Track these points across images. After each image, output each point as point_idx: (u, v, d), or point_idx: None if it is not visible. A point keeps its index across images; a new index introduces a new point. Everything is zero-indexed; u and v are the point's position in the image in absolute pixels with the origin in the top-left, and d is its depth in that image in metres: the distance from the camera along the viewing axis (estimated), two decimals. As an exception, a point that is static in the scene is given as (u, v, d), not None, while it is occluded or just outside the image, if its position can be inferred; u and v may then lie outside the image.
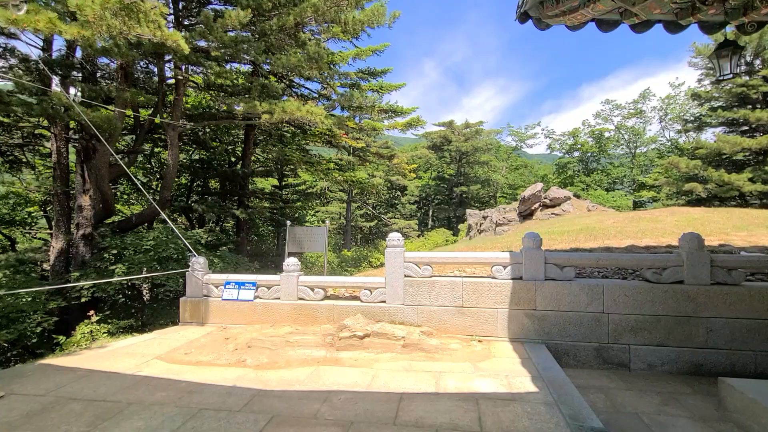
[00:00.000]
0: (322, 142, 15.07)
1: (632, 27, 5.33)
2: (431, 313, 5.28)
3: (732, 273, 4.67)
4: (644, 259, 4.94)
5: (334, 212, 37.21)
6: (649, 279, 4.87)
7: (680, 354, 4.66)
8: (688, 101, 31.21)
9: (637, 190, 35.41)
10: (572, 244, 7.43)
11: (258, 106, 8.35)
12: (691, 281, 4.71)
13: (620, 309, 4.81)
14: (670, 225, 8.44)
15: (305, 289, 5.70)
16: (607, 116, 38.83)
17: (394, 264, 5.41)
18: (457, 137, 38.42)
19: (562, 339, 4.92)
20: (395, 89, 15.82)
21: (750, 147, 21.31)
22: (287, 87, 16.06)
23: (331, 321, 5.52)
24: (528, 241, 5.13)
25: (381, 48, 15.05)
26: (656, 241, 6.99)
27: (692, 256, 4.71)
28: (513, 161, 44.63)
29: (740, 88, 22.75)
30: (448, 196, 41.69)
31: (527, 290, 5.03)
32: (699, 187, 22.55)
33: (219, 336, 5.39)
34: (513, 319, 5.05)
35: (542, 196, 18.39)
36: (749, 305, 4.56)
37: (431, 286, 5.30)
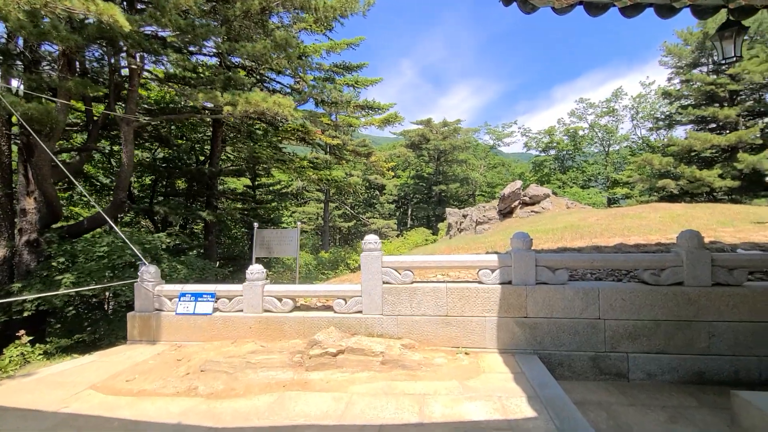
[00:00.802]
0: (296, 140, 14.33)
1: (622, 10, 4.94)
2: (413, 324, 4.76)
3: (734, 273, 4.35)
4: (641, 260, 4.56)
5: (311, 213, 36.35)
6: (647, 281, 4.50)
7: (682, 362, 4.30)
8: (659, 99, 32.04)
9: (611, 187, 36.14)
10: (559, 244, 7.07)
11: (219, 97, 7.59)
12: (692, 282, 4.37)
13: (617, 314, 4.42)
14: (655, 222, 8.24)
15: (272, 300, 5.07)
16: (581, 115, 39.52)
17: (371, 270, 4.86)
18: (435, 135, 38.21)
19: (556, 348, 4.49)
20: (371, 84, 15.26)
21: (719, 144, 21.89)
22: (258, 81, 15.24)
23: (301, 335, 4.91)
24: (517, 242, 4.68)
25: (356, 41, 14.46)
26: (645, 239, 6.71)
27: (692, 256, 4.37)
28: (491, 159, 44.85)
29: (709, 87, 23.37)
30: (427, 195, 41.48)
31: (517, 296, 4.57)
32: (672, 183, 23.03)
33: (170, 357, 4.69)
34: (502, 328, 4.59)
35: (522, 194, 18.25)
36: (752, 307, 4.24)
37: (412, 294, 4.77)
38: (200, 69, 13.38)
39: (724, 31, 4.17)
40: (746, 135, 21.38)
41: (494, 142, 44.89)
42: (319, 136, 14.24)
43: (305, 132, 13.77)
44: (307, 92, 10.31)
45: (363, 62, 15.80)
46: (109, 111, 9.11)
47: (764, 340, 4.21)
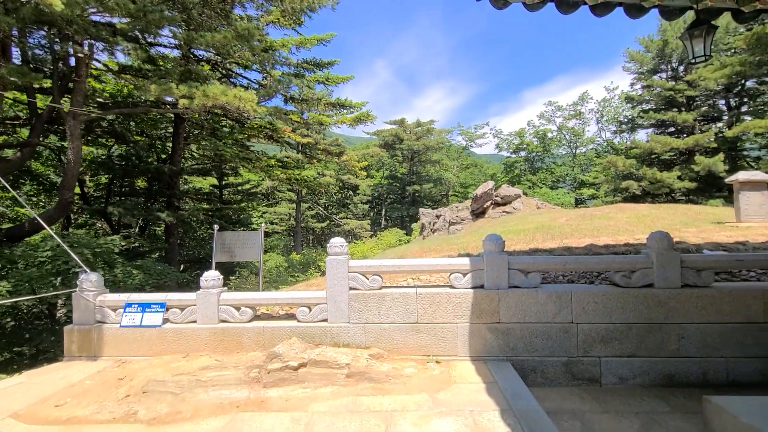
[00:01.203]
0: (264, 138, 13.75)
1: (592, 8, 4.88)
2: (381, 332, 4.49)
3: (702, 274, 4.33)
4: (612, 262, 4.49)
5: (283, 213, 35.52)
6: (618, 283, 4.43)
7: (652, 365, 4.24)
8: (622, 104, 33.31)
9: (579, 187, 37.30)
10: (531, 245, 7.00)
11: (174, 89, 7.03)
12: (662, 284, 4.32)
13: (590, 318, 4.32)
14: (623, 222, 8.37)
15: (229, 309, 4.67)
16: (549, 117, 40.59)
17: (337, 275, 4.55)
18: (409, 136, 38.21)
19: (529, 354, 4.34)
20: (343, 81, 14.88)
21: (678, 147, 22.91)
22: (224, 76, 14.56)
23: (261, 347, 4.54)
24: (489, 245, 4.50)
25: (327, 37, 14.06)
26: (614, 240, 6.74)
27: (662, 257, 4.32)
28: (463, 160, 45.35)
29: (668, 92, 24.43)
30: (401, 195, 41.45)
31: (490, 300, 4.39)
32: (634, 184, 23.91)
33: (112, 376, 4.21)
34: (474, 335, 4.39)
35: (494, 194, 18.40)
36: (719, 308, 4.24)
37: (381, 300, 4.50)
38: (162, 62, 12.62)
39: (693, 29, 4.14)
40: (702, 139, 22.48)
41: (467, 143, 45.42)
42: (288, 134, 13.73)
43: (273, 130, 13.22)
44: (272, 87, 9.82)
45: (334, 59, 15.42)
46: (54, 104, 8.34)
47: (730, 341, 4.21)
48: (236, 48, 7.85)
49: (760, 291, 4.23)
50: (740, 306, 4.21)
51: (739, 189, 7.74)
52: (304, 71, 14.35)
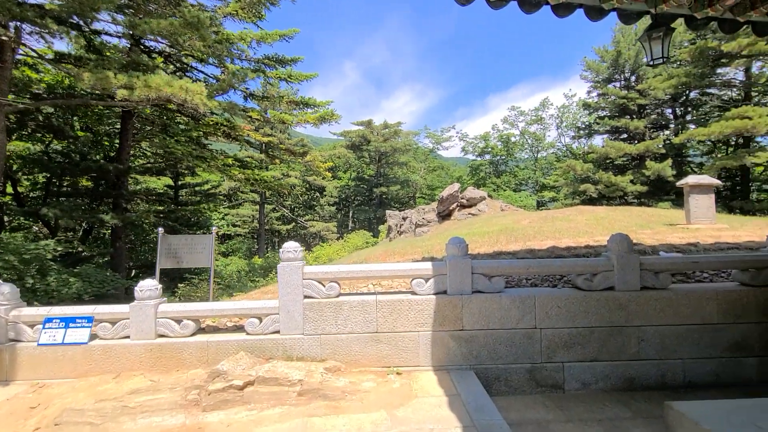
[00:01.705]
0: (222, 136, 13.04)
1: (555, 9, 4.83)
2: (338, 343, 4.18)
3: (660, 276, 4.35)
4: (575, 265, 4.42)
5: (245, 215, 34.29)
6: (581, 286, 4.36)
7: (614, 368, 4.20)
8: (580, 110, 34.80)
9: (540, 190, 38.57)
10: (495, 247, 6.92)
11: (112, 78, 6.38)
12: (622, 287, 4.29)
13: (553, 323, 4.21)
14: (582, 224, 8.52)
15: (168, 323, 4.20)
16: (513, 122, 41.77)
17: (290, 283, 4.20)
18: (376, 137, 38.05)
19: (493, 362, 4.17)
20: (306, 79, 14.41)
21: (630, 152, 24.11)
22: (179, 70, 13.72)
23: (204, 364, 4.10)
24: (452, 248, 4.30)
25: (289, 33, 13.57)
26: (575, 242, 6.78)
27: (622, 260, 4.29)
28: (430, 163, 45.78)
29: (621, 100, 25.69)
30: (368, 197, 41.20)
31: (453, 307, 4.19)
32: (591, 188, 24.92)
33: (23, 404, 3.64)
34: (437, 343, 4.18)
35: (459, 197, 18.51)
36: (676, 310, 4.26)
37: (338, 309, 4.19)
38: (109, 52, 11.66)
39: (652, 31, 4.15)
40: (652, 145, 23.79)
41: (434, 145, 45.89)
42: (248, 132, 13.10)
43: (231, 127, 12.54)
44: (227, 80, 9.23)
45: (297, 56, 14.92)
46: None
47: (687, 342, 4.24)
48: (185, 37, 7.26)
49: (713, 292, 4.29)
50: (696, 308, 4.25)
51: (689, 192, 8.08)
52: (265, 67, 13.77)
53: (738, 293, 4.31)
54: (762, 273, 4.39)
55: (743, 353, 4.26)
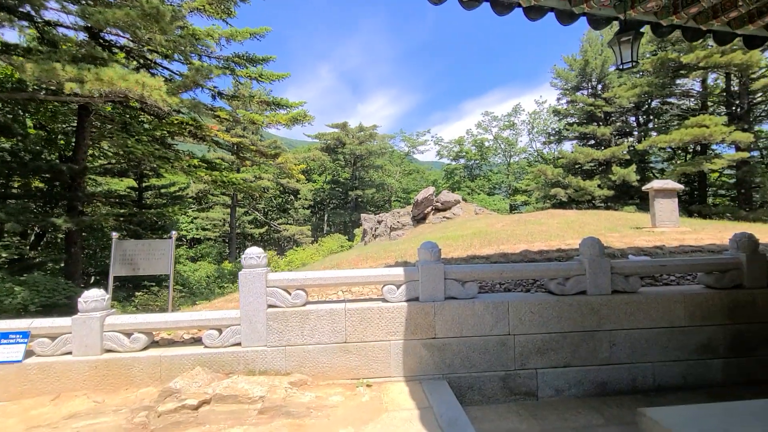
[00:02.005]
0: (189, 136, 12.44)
1: (526, 12, 4.82)
2: (305, 355, 3.93)
3: (630, 280, 4.35)
4: (548, 269, 4.36)
5: (216, 218, 33.22)
6: (553, 291, 4.31)
7: (586, 374, 4.15)
8: (550, 116, 35.81)
9: (513, 194, 39.37)
10: (468, 251, 6.85)
11: (59, 70, 5.87)
12: (594, 291, 4.27)
13: (527, 329, 4.13)
14: (554, 228, 8.61)
15: (116, 337, 3.84)
16: (486, 127, 42.53)
17: (253, 291, 3.93)
18: (352, 140, 37.81)
19: (466, 371, 4.04)
20: (278, 79, 14.03)
21: (598, 158, 24.94)
22: (142, 66, 13.04)
23: (157, 381, 3.77)
24: (425, 253, 4.16)
25: (260, 32, 13.18)
26: (546, 245, 6.80)
27: (594, 264, 4.27)
28: (406, 166, 45.91)
29: (589, 107, 26.58)
30: (344, 200, 40.86)
31: (425, 314, 4.04)
32: (562, 192, 25.60)
33: (-60, 434, 3.20)
34: (409, 353, 4.01)
35: (434, 200, 18.53)
36: (646, 313, 4.27)
37: (304, 319, 3.95)
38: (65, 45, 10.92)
39: (621, 35, 4.16)
40: (618, 151, 24.71)
41: (409, 149, 46.08)
42: (216, 132, 12.58)
43: (198, 127, 12.00)
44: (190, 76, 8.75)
45: (269, 55, 14.52)
46: None
47: (656, 346, 4.25)
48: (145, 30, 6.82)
49: (681, 295, 4.34)
50: (665, 311, 4.28)
51: (654, 196, 8.33)
52: (235, 66, 13.30)
53: (704, 296, 4.37)
54: (726, 276, 4.48)
55: (709, 355, 4.31)
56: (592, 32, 28.27)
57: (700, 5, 4.48)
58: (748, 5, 4.32)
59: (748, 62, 18.14)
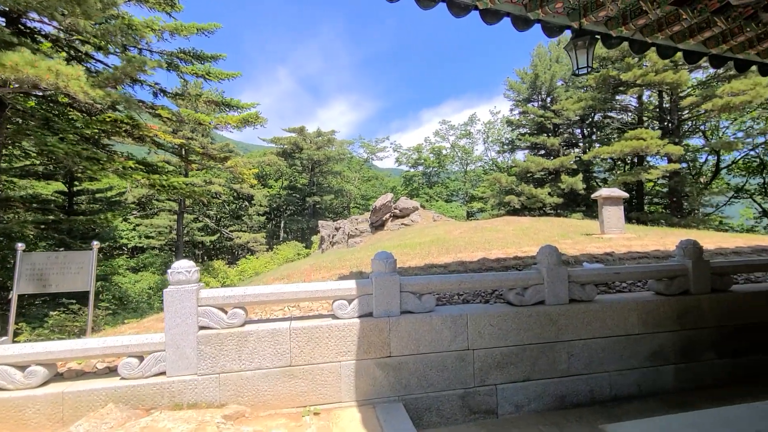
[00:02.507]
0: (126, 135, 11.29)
1: (483, 15, 4.72)
2: (243, 383, 3.46)
3: (586, 288, 4.30)
4: (506, 279, 4.20)
5: (162, 225, 31.04)
6: (512, 302, 4.15)
7: (545, 387, 4.01)
8: (504, 127, 37.19)
9: (469, 201, 40.33)
10: (426, 259, 6.63)
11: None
12: (552, 301, 4.16)
13: (486, 342, 3.93)
14: (510, 235, 8.65)
15: (6, 371, 3.16)
16: (444, 135, 43.42)
17: (182, 311, 3.41)
18: (309, 145, 37.01)
19: (423, 390, 3.75)
20: (228, 78, 13.22)
21: (548, 167, 26.09)
22: (73, 58, 11.79)
23: (58, 423, 3.14)
24: (379, 264, 3.84)
25: (209, 27, 12.41)
26: (504, 253, 6.75)
27: (552, 273, 4.17)
28: (365, 173, 45.71)
29: (539, 118, 27.83)
30: (301, 207, 39.85)
31: (379, 331, 3.71)
32: (515, 199, 26.48)
33: None
34: (362, 374, 3.65)
35: (393, 207, 18.38)
36: (602, 322, 4.22)
37: (243, 341, 3.49)
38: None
39: (577, 40, 4.13)
40: (566, 161, 26.01)
41: (368, 155, 45.96)
42: (156, 132, 11.56)
43: (135, 126, 10.93)
44: (120, 67, 7.85)
45: (219, 53, 13.71)
46: None
47: (613, 355, 4.21)
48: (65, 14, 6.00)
49: (634, 303, 4.34)
50: (620, 319, 4.25)
51: (602, 204, 8.63)
52: (179, 62, 12.38)
53: (655, 303, 4.40)
54: (674, 282, 4.55)
55: (661, 362, 4.34)
56: (542, 47, 29.78)
57: (647, 17, 4.58)
58: (690, 19, 4.47)
59: (677, 81, 19.78)
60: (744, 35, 4.78)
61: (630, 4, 4.49)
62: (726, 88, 18.31)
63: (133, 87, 11.97)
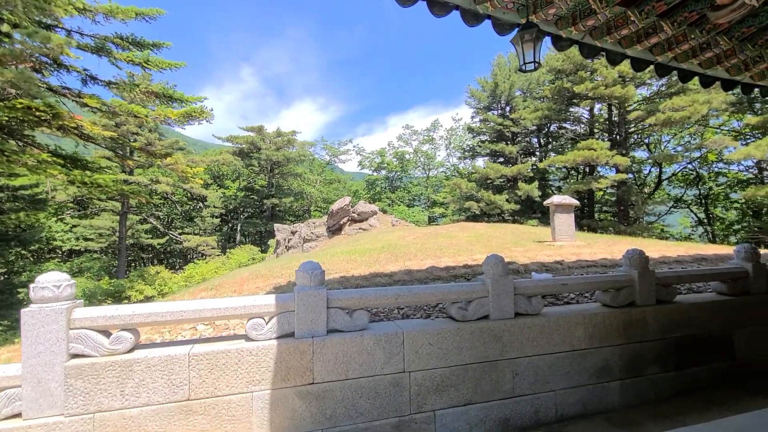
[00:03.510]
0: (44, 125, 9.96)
1: (430, 6, 4.39)
2: (126, 424, 2.83)
3: (532, 301, 4.02)
4: (449, 292, 3.83)
5: (103, 227, 28.68)
6: (455, 317, 3.79)
7: (488, 411, 3.66)
8: (465, 133, 37.79)
9: (431, 206, 40.56)
10: (373, 267, 6.19)
11: None
12: (497, 315, 3.84)
13: (424, 363, 3.52)
14: (464, 241, 8.42)
15: None
16: (407, 140, 43.52)
17: (45, 336, 2.74)
18: (268, 145, 35.70)
19: (352, 421, 3.28)
20: (170, 68, 12.15)
21: (506, 174, 26.62)
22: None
23: None
24: (303, 277, 3.35)
25: (150, 13, 11.37)
26: (454, 260, 6.45)
27: (497, 285, 3.85)
28: (327, 175, 44.87)
29: (499, 126, 28.41)
30: (259, 209, 38.38)
31: (301, 354, 3.21)
32: (475, 205, 26.79)
33: None
34: (278, 406, 3.13)
35: (350, 210, 17.88)
36: (548, 337, 3.95)
37: (127, 371, 2.86)
38: None
39: (524, 32, 3.87)
40: (523, 168, 26.67)
41: (330, 158, 45.19)
42: (80, 122, 10.31)
43: (54, 115, 9.66)
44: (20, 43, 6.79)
45: (163, 42, 12.65)
46: None
47: (559, 372, 3.94)
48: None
49: (581, 316, 4.11)
50: (566, 333, 4.00)
51: (554, 211, 8.61)
52: (113, 47, 11.23)
53: (602, 315, 4.20)
54: (621, 293, 4.38)
55: (607, 378, 4.13)
56: (502, 57, 30.52)
57: (596, 18, 4.42)
58: (638, 22, 4.35)
59: (625, 95, 20.78)
60: (688, 43, 4.76)
61: (579, 3, 4.31)
62: (668, 103, 19.43)
63: (59, 73, 10.69)
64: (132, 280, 15.13)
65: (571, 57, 23.51)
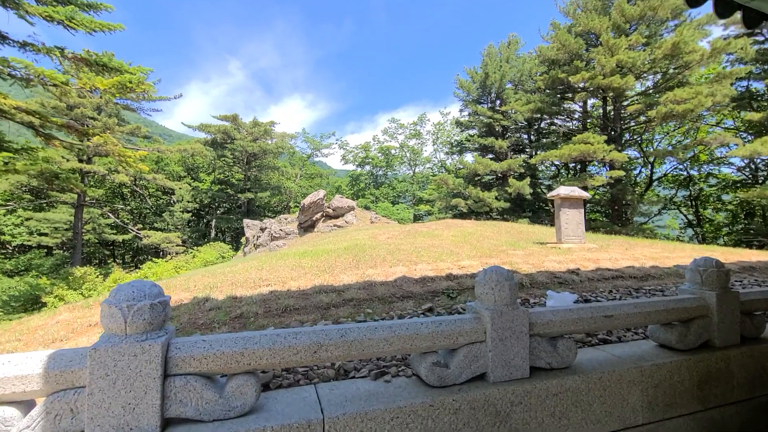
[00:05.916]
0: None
1: None
2: None
3: (558, 346, 2.38)
4: (415, 336, 2.15)
5: (59, 221, 26.23)
6: (427, 379, 2.13)
7: None
8: (453, 128, 36.26)
9: (417, 204, 38.96)
10: (321, 278, 4.48)
11: None
12: (501, 375, 2.19)
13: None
14: (448, 241, 6.79)
15: None
16: (392, 134, 41.78)
17: None
18: (243, 135, 33.46)
19: None
20: (103, 30, 9.97)
21: (496, 170, 25.14)
22: None
23: None
24: (112, 318, 1.61)
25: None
26: (434, 268, 4.78)
27: (502, 320, 2.20)
28: (308, 169, 42.78)
29: (489, 119, 26.92)
30: (235, 204, 36.20)
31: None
32: (462, 202, 25.26)
33: None
34: None
35: (325, 205, 16.10)
36: (586, 410, 2.32)
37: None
38: None
39: None
40: (514, 164, 25.23)
41: (312, 151, 43.10)
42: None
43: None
44: None
45: (102, 2, 10.64)
46: None
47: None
48: None
49: (637, 369, 2.49)
50: (614, 400, 2.38)
51: (560, 206, 7.05)
52: (28, 0, 9.20)
53: (667, 367, 2.59)
54: (691, 329, 2.79)
55: (676, 470, 2.52)
56: (493, 47, 29.02)
57: None
58: None
59: (624, 86, 19.45)
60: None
61: None
62: (669, 96, 18.16)
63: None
64: (54, 283, 13.00)
65: (566, 45, 22.13)
